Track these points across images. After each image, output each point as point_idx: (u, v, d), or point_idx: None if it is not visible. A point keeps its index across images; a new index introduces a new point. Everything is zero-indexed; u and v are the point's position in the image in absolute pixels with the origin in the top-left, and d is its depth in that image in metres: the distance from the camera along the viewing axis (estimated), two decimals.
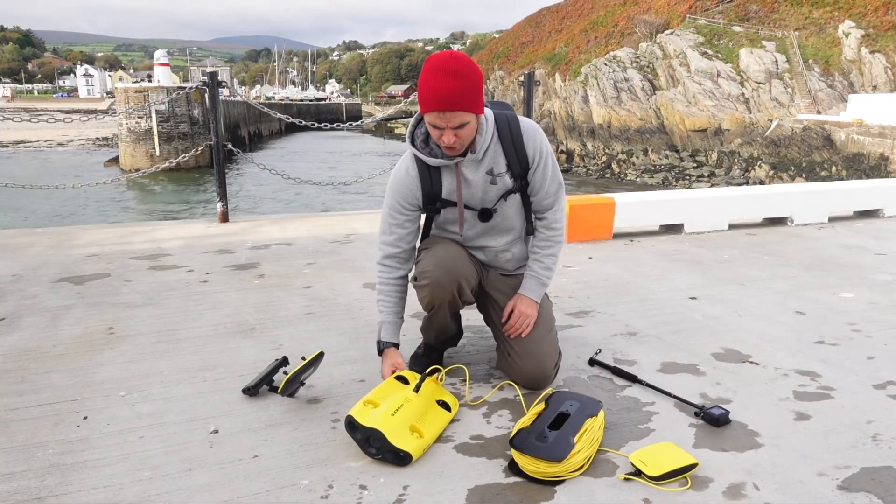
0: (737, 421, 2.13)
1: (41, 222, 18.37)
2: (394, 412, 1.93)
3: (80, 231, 5.19)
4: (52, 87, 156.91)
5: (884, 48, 33.61)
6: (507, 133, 2.20)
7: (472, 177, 2.21)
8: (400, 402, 1.98)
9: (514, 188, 2.25)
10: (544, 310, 2.39)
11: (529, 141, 2.22)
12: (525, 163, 2.23)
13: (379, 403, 1.99)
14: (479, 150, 2.16)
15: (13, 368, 2.53)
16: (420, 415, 2.00)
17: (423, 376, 2.12)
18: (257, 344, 2.80)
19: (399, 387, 2.12)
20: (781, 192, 5.67)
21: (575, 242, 4.81)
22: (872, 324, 3.09)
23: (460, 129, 2.03)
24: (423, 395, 2.06)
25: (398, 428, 1.90)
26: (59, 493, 1.73)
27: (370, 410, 1.95)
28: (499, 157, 2.20)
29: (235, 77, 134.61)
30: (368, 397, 2.03)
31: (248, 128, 47.50)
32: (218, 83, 5.51)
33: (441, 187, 2.23)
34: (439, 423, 2.05)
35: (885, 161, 25.65)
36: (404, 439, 1.88)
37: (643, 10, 47.08)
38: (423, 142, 2.21)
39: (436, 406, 2.11)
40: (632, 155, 34.73)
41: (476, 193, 2.23)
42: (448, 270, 2.21)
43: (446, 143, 2.05)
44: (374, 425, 1.87)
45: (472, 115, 2.03)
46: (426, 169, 2.21)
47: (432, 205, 2.27)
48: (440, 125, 2.01)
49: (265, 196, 24.71)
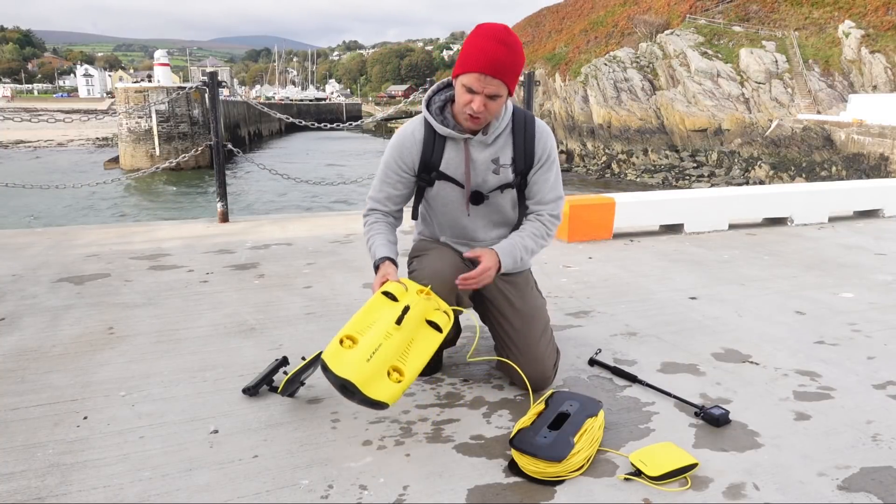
0: (737, 421, 2.13)
1: (42, 222, 18.38)
2: (370, 356, 1.85)
3: (80, 231, 5.19)
4: (52, 87, 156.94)
5: (884, 48, 33.61)
6: (522, 128, 2.20)
7: (477, 157, 2.19)
8: (378, 342, 1.89)
9: (513, 183, 2.23)
10: (538, 310, 2.35)
11: (540, 141, 2.22)
12: (531, 160, 2.22)
13: (357, 339, 1.91)
14: (490, 134, 2.15)
15: (13, 368, 2.53)
16: (402, 349, 1.92)
17: (404, 310, 1.97)
18: (257, 344, 2.80)
19: (384, 309, 2.00)
20: (781, 192, 5.67)
21: (575, 242, 4.81)
22: (872, 324, 3.09)
23: (491, 101, 2.02)
24: (409, 321, 1.96)
25: (374, 375, 1.83)
26: (59, 493, 1.73)
27: (345, 353, 1.87)
28: (507, 148, 2.20)
29: (235, 77, 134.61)
30: (348, 330, 1.94)
31: (248, 128, 47.50)
32: (218, 83, 5.51)
33: (441, 159, 2.20)
34: (426, 349, 1.96)
35: (885, 161, 25.65)
36: (380, 387, 1.82)
37: (643, 10, 47.09)
38: (438, 109, 2.19)
39: (424, 328, 2.01)
40: (632, 155, 34.74)
41: (476, 175, 2.21)
42: (444, 280, 2.17)
43: (474, 110, 2.02)
44: (347, 376, 1.81)
45: (505, 89, 2.03)
46: (432, 137, 2.19)
47: (427, 173, 2.22)
48: (476, 89, 1.99)
49: (265, 196, 24.71)
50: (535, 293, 2.42)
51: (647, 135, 35.37)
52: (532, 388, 2.28)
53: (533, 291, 2.41)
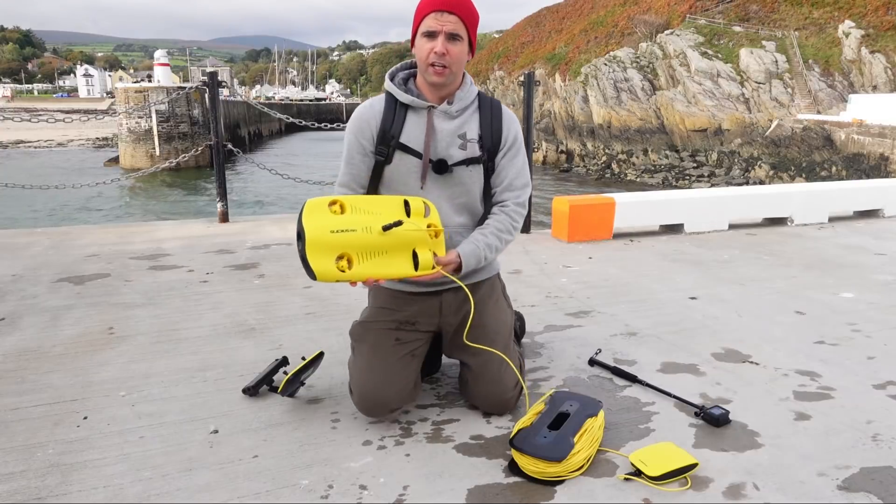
0: (737, 421, 2.13)
1: (41, 222, 18.38)
2: (338, 230, 1.80)
3: (80, 231, 5.19)
4: (52, 87, 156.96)
5: (884, 48, 33.60)
6: (488, 107, 2.15)
7: (441, 127, 2.07)
8: (354, 227, 1.82)
9: (479, 158, 2.10)
10: (501, 324, 2.18)
11: (507, 123, 2.15)
12: (497, 139, 2.13)
13: (345, 211, 1.86)
14: (456, 104, 2.08)
15: (13, 368, 2.53)
16: (368, 251, 1.84)
17: (396, 222, 1.86)
18: (257, 344, 2.80)
19: (389, 209, 1.93)
20: (781, 192, 5.67)
21: (575, 242, 4.81)
22: (872, 324, 3.09)
23: (452, 44, 1.97)
24: (394, 235, 1.86)
25: (326, 246, 1.78)
26: (59, 493, 1.73)
27: (324, 212, 1.83)
28: (473, 123, 2.11)
29: (235, 77, 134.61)
30: (348, 199, 1.89)
31: (248, 128, 47.50)
32: (218, 83, 5.51)
33: (401, 130, 2.07)
34: (390, 269, 1.87)
35: (885, 161, 25.65)
36: (322, 259, 1.78)
37: (643, 10, 47.07)
38: (401, 80, 2.13)
39: (403, 253, 1.91)
40: (632, 155, 34.73)
41: (438, 146, 2.07)
42: (375, 402, 2.04)
43: (437, 54, 1.95)
44: (306, 227, 1.78)
45: (464, 30, 1.99)
46: (393, 107, 2.09)
47: (384, 146, 2.06)
48: (435, 28, 1.96)
49: (265, 196, 24.71)
50: (499, 306, 2.24)
51: (647, 135, 35.35)
52: (492, 412, 2.15)
53: (497, 305, 2.23)
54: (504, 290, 2.33)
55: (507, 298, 2.34)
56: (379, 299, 2.20)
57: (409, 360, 2.10)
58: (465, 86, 2.12)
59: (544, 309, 3.30)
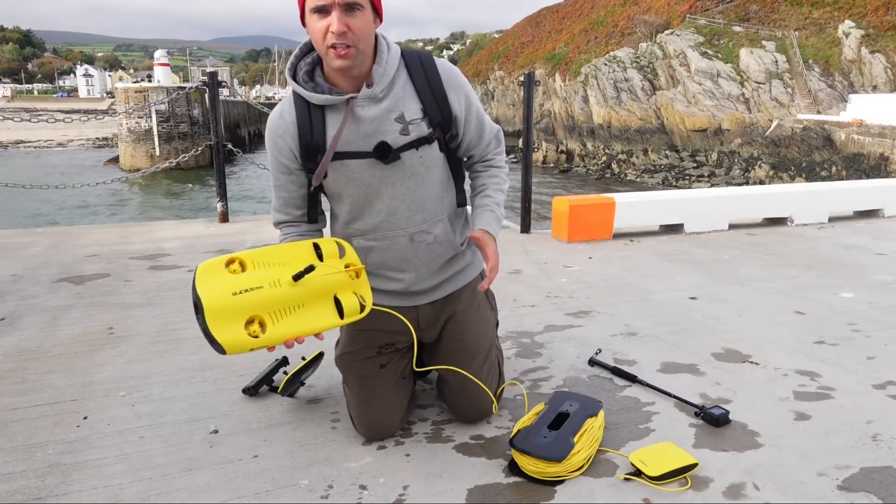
0: (737, 421, 2.13)
1: (41, 222, 18.37)
2: (240, 291, 1.55)
3: (80, 231, 5.19)
4: (52, 87, 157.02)
5: (884, 48, 33.60)
6: (420, 71, 1.76)
7: (366, 115, 1.71)
8: (260, 284, 1.57)
9: (430, 136, 1.76)
10: (482, 335, 2.02)
11: (451, 84, 1.79)
12: (447, 110, 1.78)
13: (246, 269, 1.61)
14: (378, 83, 1.70)
15: (13, 368, 2.53)
16: (282, 307, 1.60)
17: (307, 268, 1.61)
18: None
19: (299, 255, 1.69)
20: (781, 192, 5.67)
21: (575, 242, 4.81)
22: (872, 324, 3.09)
23: (351, 17, 1.59)
24: (309, 283, 1.62)
25: (230, 312, 1.54)
26: (59, 493, 1.73)
27: (220, 274, 1.59)
28: (410, 100, 1.75)
29: (235, 77, 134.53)
30: (247, 255, 1.64)
31: (248, 128, 47.47)
32: (218, 83, 5.51)
33: (325, 137, 1.73)
34: (312, 324, 1.64)
35: (885, 161, 25.64)
36: (228, 329, 1.53)
37: (643, 10, 47.09)
38: (306, 75, 1.75)
39: (324, 302, 1.67)
40: (632, 155, 34.72)
41: (370, 136, 1.73)
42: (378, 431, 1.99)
43: (335, 33, 1.58)
44: (201, 295, 1.55)
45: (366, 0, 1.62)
46: (306, 112, 1.74)
47: (313, 162, 1.76)
48: (325, 4, 1.58)
49: (265, 196, 24.71)
50: (481, 313, 2.05)
51: (647, 135, 35.36)
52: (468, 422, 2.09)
53: (479, 312, 2.04)
54: (487, 294, 2.11)
55: (492, 299, 2.13)
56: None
57: (400, 383, 2.02)
58: (382, 57, 1.72)
59: (544, 309, 3.30)
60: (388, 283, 1.93)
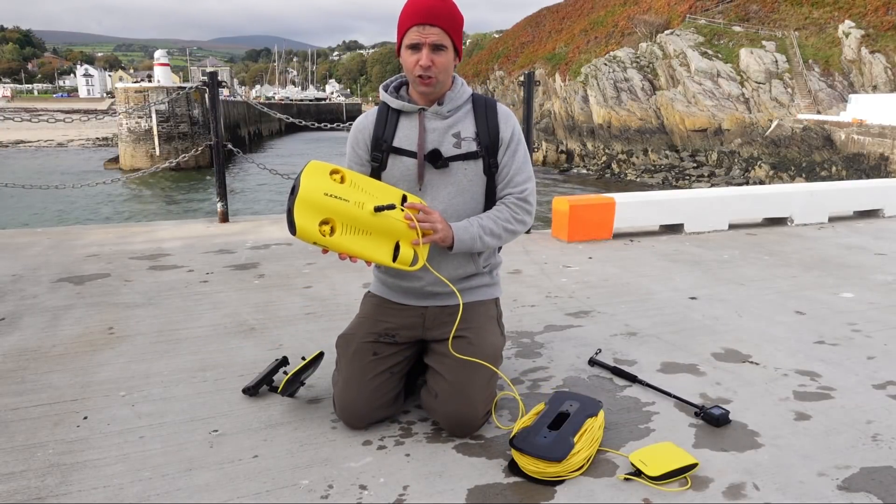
0: (737, 421, 2.13)
1: (41, 222, 18.38)
2: (330, 195, 1.79)
3: (80, 231, 5.19)
4: (52, 87, 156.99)
5: (884, 48, 33.60)
6: (483, 107, 2.14)
7: (432, 126, 2.08)
8: (347, 197, 1.81)
9: (476, 153, 2.07)
10: (489, 346, 2.07)
11: (504, 119, 2.13)
12: (495, 136, 2.11)
13: (344, 181, 1.85)
14: (446, 104, 2.07)
15: (13, 368, 2.53)
16: (353, 225, 1.83)
17: (389, 205, 1.84)
18: (257, 344, 2.80)
19: (386, 194, 1.91)
20: (781, 192, 5.67)
21: (575, 242, 4.81)
22: (872, 324, 3.09)
23: (437, 55, 1.98)
24: (383, 220, 1.85)
25: (315, 206, 1.78)
26: (59, 493, 1.73)
27: (325, 175, 1.83)
28: (468, 123, 2.10)
29: (235, 77, 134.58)
30: (350, 173, 1.89)
31: (248, 128, 47.51)
32: (218, 83, 5.51)
33: (393, 134, 2.09)
34: (368, 250, 1.86)
35: (885, 161, 25.65)
36: (306, 218, 1.77)
37: (643, 10, 47.10)
38: (394, 89, 2.16)
39: (385, 239, 1.89)
40: (632, 155, 34.73)
41: (432, 144, 2.07)
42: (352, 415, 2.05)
43: (422, 67, 1.96)
44: (301, 182, 1.78)
45: (448, 40, 1.99)
46: (385, 114, 2.13)
47: (378, 151, 2.10)
48: (418, 41, 1.96)
49: (265, 196, 24.71)
50: (490, 328, 2.14)
51: (647, 135, 35.36)
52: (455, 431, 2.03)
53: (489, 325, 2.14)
54: (500, 317, 2.24)
55: (502, 326, 2.24)
56: (363, 309, 2.23)
57: (386, 378, 2.06)
58: (456, 87, 2.12)
59: (544, 309, 3.30)
60: (410, 280, 2.12)
